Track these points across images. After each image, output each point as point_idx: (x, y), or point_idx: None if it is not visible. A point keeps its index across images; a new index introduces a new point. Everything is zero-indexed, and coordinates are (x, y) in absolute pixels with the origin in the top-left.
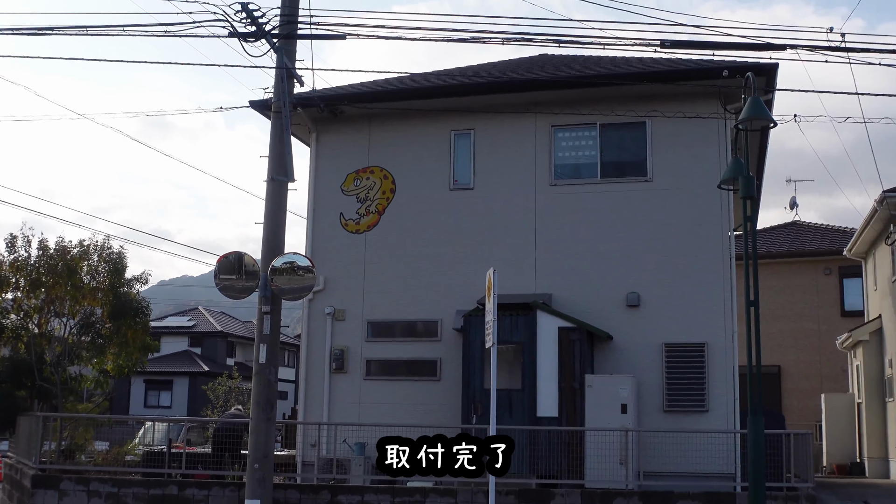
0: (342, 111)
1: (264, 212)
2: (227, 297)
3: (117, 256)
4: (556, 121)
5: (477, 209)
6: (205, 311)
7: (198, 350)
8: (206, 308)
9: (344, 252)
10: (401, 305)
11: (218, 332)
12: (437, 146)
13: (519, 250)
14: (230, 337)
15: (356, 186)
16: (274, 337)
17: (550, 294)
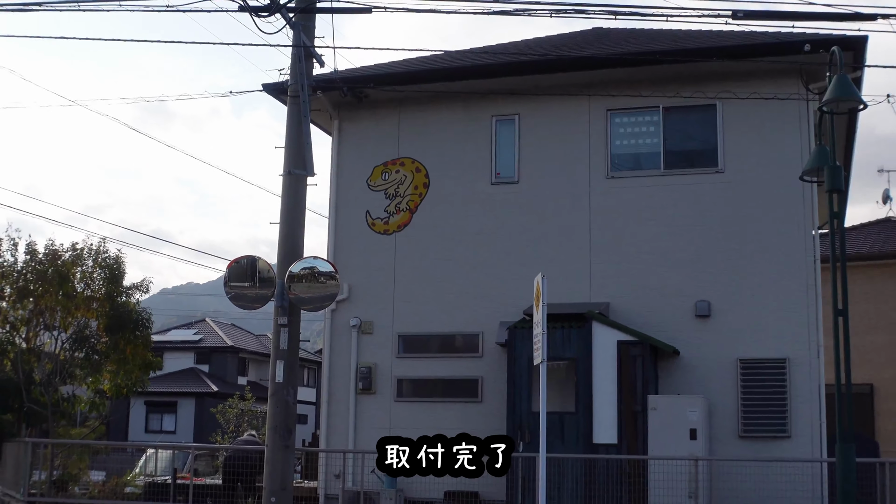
0: (368, 95)
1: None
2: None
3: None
4: (613, 104)
5: (522, 206)
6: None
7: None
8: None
9: (371, 256)
10: (436, 316)
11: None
12: (476, 134)
13: (571, 253)
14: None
15: (384, 181)
16: (292, 353)
17: (607, 303)
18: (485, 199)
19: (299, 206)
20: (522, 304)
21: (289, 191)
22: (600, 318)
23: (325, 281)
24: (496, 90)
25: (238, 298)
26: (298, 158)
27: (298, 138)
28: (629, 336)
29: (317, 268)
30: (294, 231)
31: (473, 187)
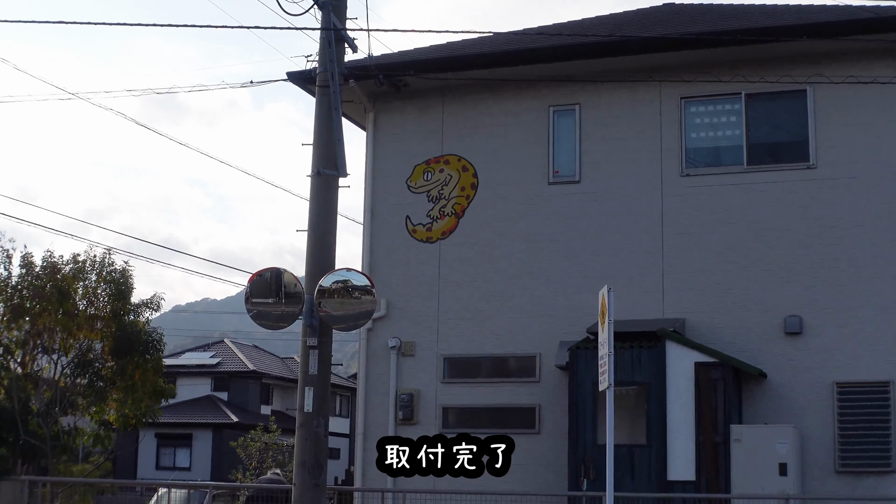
0: (407, 84)
1: (308, 216)
2: (261, 326)
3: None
4: (688, 91)
5: (584, 208)
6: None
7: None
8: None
9: (412, 267)
10: (486, 336)
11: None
12: (531, 127)
13: (641, 262)
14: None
15: (427, 181)
16: (323, 378)
17: (683, 319)
18: (541, 201)
19: (330, 210)
20: (586, 322)
21: (318, 194)
22: (675, 337)
23: (360, 296)
24: (553, 77)
25: (261, 317)
26: (328, 157)
27: (328, 134)
28: (708, 357)
29: (350, 281)
30: (324, 239)
31: (528, 188)
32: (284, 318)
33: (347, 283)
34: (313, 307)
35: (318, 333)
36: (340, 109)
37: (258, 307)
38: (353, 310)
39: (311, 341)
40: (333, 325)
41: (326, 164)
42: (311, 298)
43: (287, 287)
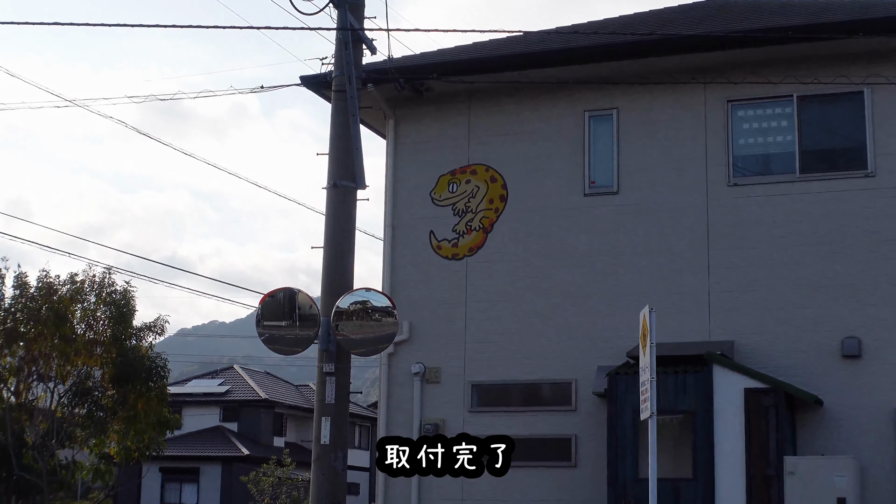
0: (430, 88)
1: (324, 231)
2: (273, 351)
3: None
4: (735, 93)
5: (623, 222)
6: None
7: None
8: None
9: (436, 286)
10: (518, 361)
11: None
12: (565, 134)
13: (685, 279)
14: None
15: (452, 193)
16: (340, 407)
17: (731, 342)
18: (577, 213)
19: (347, 225)
20: (625, 345)
21: (335, 207)
22: (723, 361)
23: (381, 318)
24: (589, 79)
25: (273, 341)
26: (346, 167)
27: (345, 142)
28: (759, 382)
29: (370, 302)
30: (341, 257)
31: (562, 199)
32: (299, 343)
33: (367, 305)
34: (330, 330)
35: (335, 359)
36: (358, 116)
37: (270, 330)
38: (373, 333)
39: (328, 367)
40: (352, 349)
41: (343, 176)
42: (328, 321)
43: (301, 309)
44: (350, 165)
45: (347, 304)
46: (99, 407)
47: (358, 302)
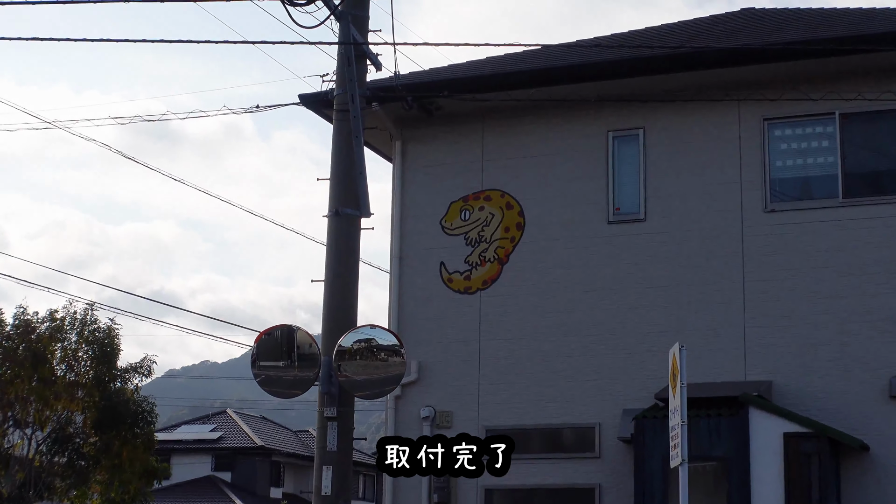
0: (441, 107)
1: (325, 263)
2: (270, 394)
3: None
4: (771, 111)
5: (651, 251)
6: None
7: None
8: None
9: (447, 323)
10: (536, 404)
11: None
12: (587, 156)
13: (719, 314)
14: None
15: (464, 221)
16: (343, 455)
17: (769, 381)
18: (600, 243)
19: (351, 257)
20: (654, 386)
21: (337, 237)
22: (760, 403)
23: (387, 357)
24: (613, 96)
25: (270, 383)
26: (349, 194)
27: (348, 166)
28: (800, 426)
29: (375, 340)
30: (344, 291)
31: (584, 228)
32: (298, 385)
33: (372, 343)
34: (332, 371)
35: (337, 402)
36: (362, 137)
37: (267, 371)
38: (378, 374)
39: (330, 411)
40: (356, 392)
41: (346, 203)
42: (329, 361)
43: (301, 347)
44: (353, 191)
45: (351, 342)
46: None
47: (362, 340)
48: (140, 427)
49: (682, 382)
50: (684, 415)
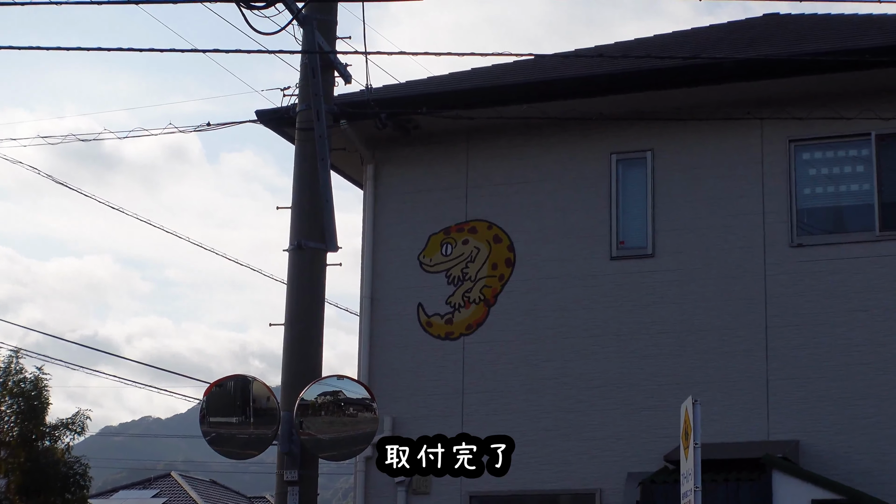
0: (418, 125)
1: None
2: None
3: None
4: (799, 131)
5: (660, 292)
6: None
7: None
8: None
9: (426, 373)
10: (529, 467)
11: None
12: (587, 182)
13: (738, 365)
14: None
15: (446, 256)
16: None
17: (796, 441)
18: (602, 282)
19: (315, 297)
20: (663, 447)
21: (299, 274)
22: (785, 466)
23: (357, 413)
24: (617, 114)
25: (222, 442)
26: (313, 224)
27: (313, 194)
28: (831, 492)
29: (343, 393)
30: (307, 337)
31: (584, 265)
32: (254, 444)
33: (339, 396)
34: (293, 429)
35: (299, 464)
36: (329, 160)
37: (218, 429)
38: (346, 432)
39: (290, 475)
40: (320, 452)
41: (310, 235)
42: (290, 416)
43: (257, 401)
44: (318, 222)
45: (315, 395)
46: None
47: (328, 393)
48: (72, 492)
49: (695, 442)
50: (698, 479)
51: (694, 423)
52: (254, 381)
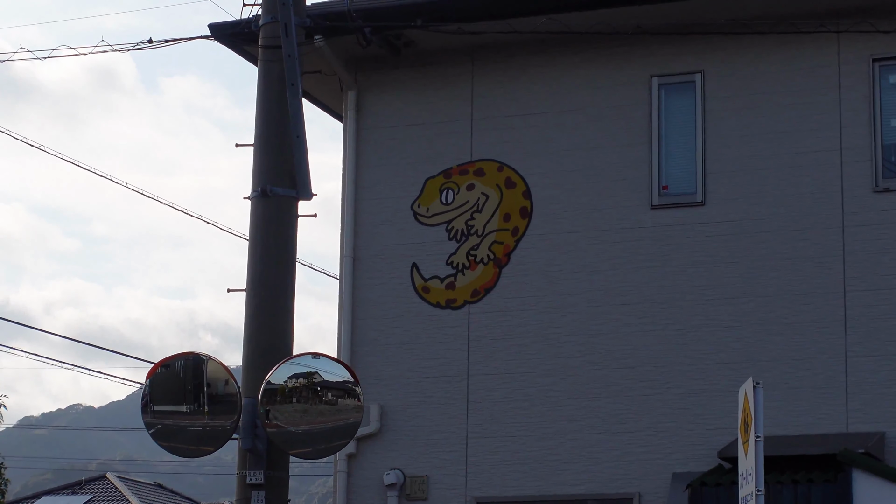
0: (411, 41)
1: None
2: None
3: None
4: (884, 48)
5: (711, 249)
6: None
7: None
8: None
9: (422, 350)
10: (550, 466)
11: None
12: (621, 113)
13: (809, 339)
14: None
15: (446, 205)
16: None
17: (881, 433)
18: (640, 236)
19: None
20: (716, 441)
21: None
22: (867, 464)
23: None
24: (659, 27)
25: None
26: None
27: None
28: None
29: (319, 375)
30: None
31: (618, 215)
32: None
33: (314, 379)
34: (257, 419)
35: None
36: (300, 85)
37: (164, 419)
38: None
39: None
40: (291, 449)
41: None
42: (254, 404)
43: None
44: (287, 163)
45: (284, 378)
46: None
47: (301, 375)
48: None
49: (757, 435)
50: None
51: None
52: (208, 360)
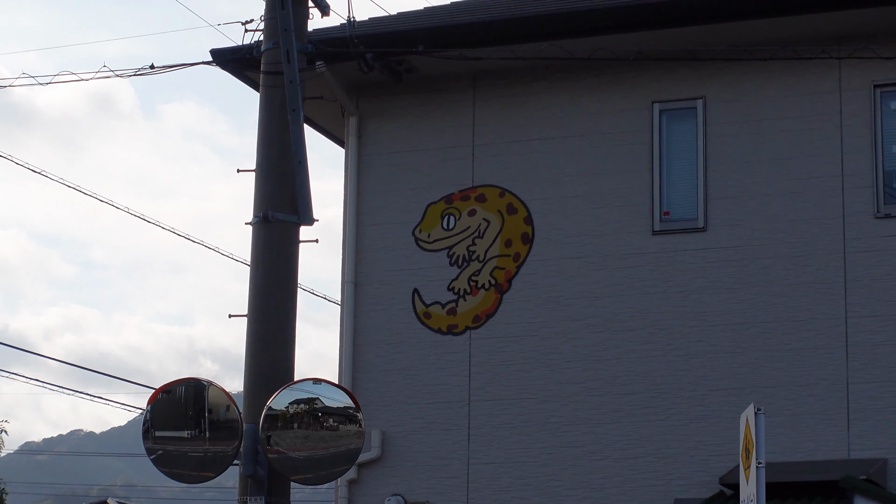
0: (413, 67)
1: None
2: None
3: None
4: (886, 73)
5: (713, 275)
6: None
7: None
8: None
9: (423, 376)
10: (552, 492)
11: None
12: (623, 140)
13: (811, 365)
14: None
15: (448, 231)
16: None
17: (882, 460)
18: (640, 262)
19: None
20: (718, 467)
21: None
22: (869, 490)
23: (338, 425)
24: (661, 53)
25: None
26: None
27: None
28: None
29: (320, 401)
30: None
31: (618, 241)
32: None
33: (316, 405)
34: (258, 445)
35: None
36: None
37: (165, 445)
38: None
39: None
40: (293, 475)
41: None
42: (255, 430)
43: (214, 411)
44: (289, 188)
45: (285, 403)
46: None
47: (302, 401)
48: None
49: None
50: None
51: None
52: (210, 385)
